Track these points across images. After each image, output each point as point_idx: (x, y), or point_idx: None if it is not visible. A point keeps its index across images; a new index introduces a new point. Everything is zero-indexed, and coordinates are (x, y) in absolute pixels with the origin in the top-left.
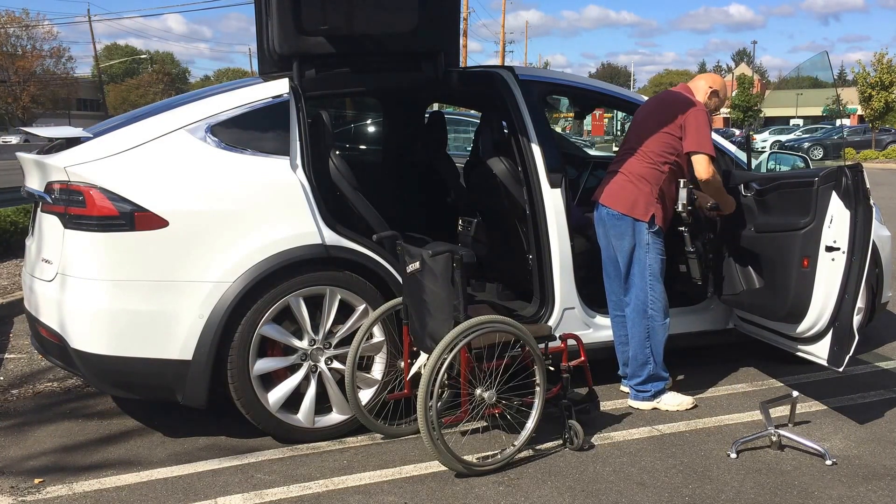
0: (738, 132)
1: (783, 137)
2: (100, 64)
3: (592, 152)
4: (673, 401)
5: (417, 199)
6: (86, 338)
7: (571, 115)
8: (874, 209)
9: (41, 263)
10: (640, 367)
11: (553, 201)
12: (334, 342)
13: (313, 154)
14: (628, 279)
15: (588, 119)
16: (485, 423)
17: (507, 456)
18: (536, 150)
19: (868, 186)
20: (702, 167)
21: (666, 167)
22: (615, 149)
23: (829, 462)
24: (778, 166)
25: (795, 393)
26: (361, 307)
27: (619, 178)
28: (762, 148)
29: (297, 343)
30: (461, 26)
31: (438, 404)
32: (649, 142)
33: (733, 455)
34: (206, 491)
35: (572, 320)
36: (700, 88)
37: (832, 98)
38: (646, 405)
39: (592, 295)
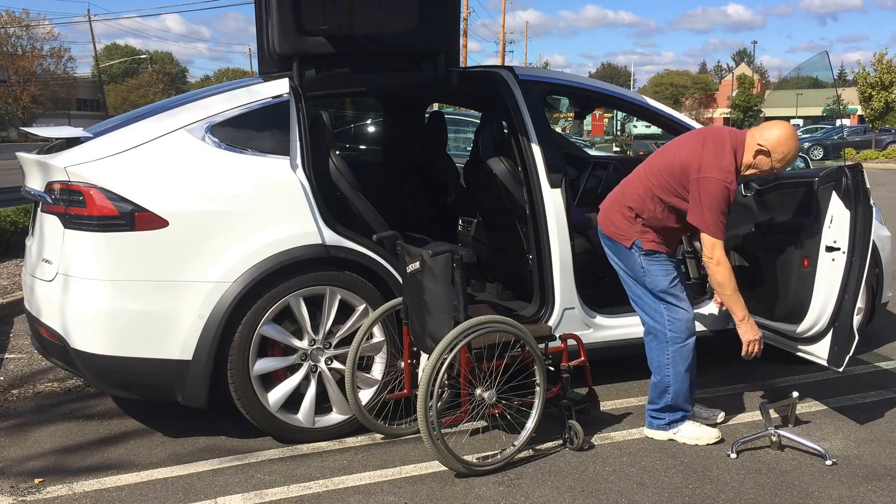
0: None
1: None
2: (100, 64)
3: (592, 152)
4: (692, 433)
5: (417, 199)
6: (86, 338)
7: (571, 115)
8: (874, 209)
9: (41, 263)
10: (659, 394)
11: (553, 201)
12: (334, 342)
13: (313, 154)
14: (633, 303)
15: (588, 119)
16: (485, 423)
17: (507, 456)
18: (536, 150)
19: (868, 186)
20: (706, 246)
21: (660, 206)
22: (615, 149)
23: (829, 462)
24: None
25: (795, 393)
26: (361, 307)
27: (612, 201)
28: None
29: (297, 343)
30: (461, 26)
31: (438, 404)
32: (656, 178)
33: (733, 455)
34: (206, 491)
35: (572, 320)
36: (751, 142)
37: (832, 98)
38: (661, 435)
39: (592, 295)
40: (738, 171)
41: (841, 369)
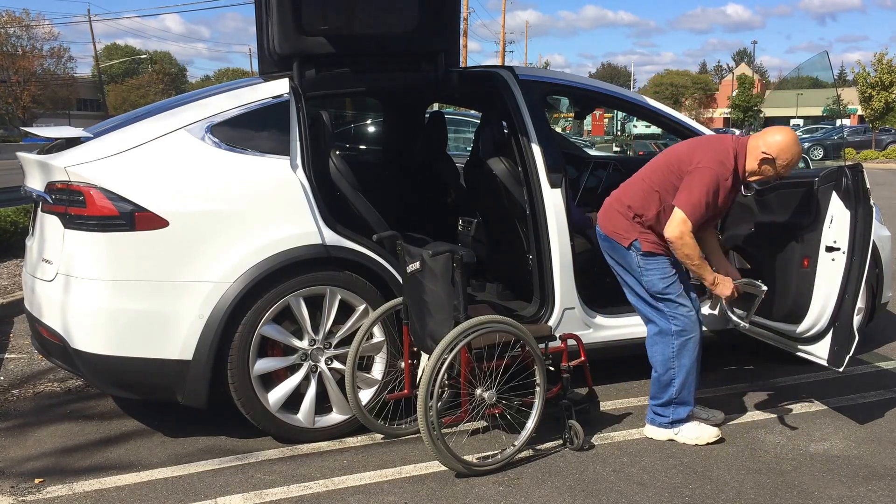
0: (738, 132)
1: None
2: (100, 64)
3: (592, 152)
4: (692, 433)
5: (417, 199)
6: (86, 338)
7: (571, 115)
8: (874, 209)
9: (42, 263)
10: (663, 388)
11: (553, 201)
12: (334, 342)
13: (313, 154)
14: (633, 302)
15: (588, 119)
16: (485, 423)
17: (507, 456)
18: (536, 150)
19: (868, 186)
20: (672, 223)
21: (660, 205)
22: (615, 149)
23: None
24: None
25: (764, 287)
26: (361, 307)
27: (613, 199)
28: None
29: (297, 343)
30: (461, 26)
31: (438, 404)
32: (656, 175)
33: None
34: (206, 491)
35: (572, 320)
36: (754, 149)
37: (832, 98)
38: (661, 434)
39: (592, 295)
40: (738, 174)
41: (841, 369)
